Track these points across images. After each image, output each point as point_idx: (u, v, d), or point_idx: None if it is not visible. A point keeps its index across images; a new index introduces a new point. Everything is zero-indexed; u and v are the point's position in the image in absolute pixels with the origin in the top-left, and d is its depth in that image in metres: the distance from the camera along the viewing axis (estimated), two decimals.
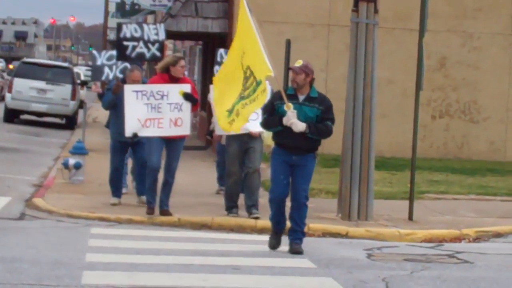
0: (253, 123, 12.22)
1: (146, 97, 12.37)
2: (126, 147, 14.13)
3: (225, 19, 23.42)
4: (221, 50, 16.10)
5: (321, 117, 10.04)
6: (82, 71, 61.61)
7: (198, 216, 12.98)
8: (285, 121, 9.83)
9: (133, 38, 14.30)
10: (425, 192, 16.43)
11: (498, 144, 23.81)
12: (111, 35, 67.22)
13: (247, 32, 11.10)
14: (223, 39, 22.74)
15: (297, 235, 10.17)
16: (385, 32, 17.62)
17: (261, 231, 12.37)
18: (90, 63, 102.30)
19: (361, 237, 12.39)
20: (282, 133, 10.05)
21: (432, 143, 23.53)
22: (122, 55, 14.55)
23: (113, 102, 13.71)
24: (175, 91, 12.50)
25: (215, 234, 12.38)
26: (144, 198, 13.61)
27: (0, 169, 18.42)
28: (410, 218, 13.56)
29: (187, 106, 12.45)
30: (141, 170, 13.85)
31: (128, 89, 12.51)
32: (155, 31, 14.55)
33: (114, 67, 15.51)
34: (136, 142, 13.75)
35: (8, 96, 32.09)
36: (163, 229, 12.45)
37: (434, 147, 23.53)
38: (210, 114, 13.65)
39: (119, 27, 15.08)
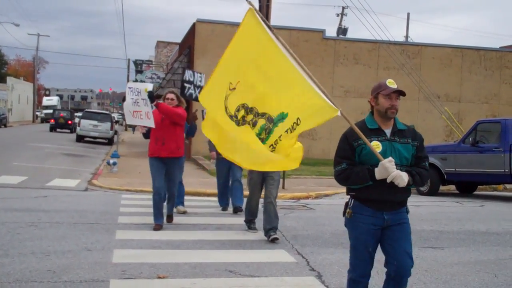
0: None
1: (133, 93, 7.80)
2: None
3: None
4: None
5: (416, 156, 3.65)
6: (115, 116, 61.64)
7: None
8: (384, 176, 3.43)
9: (188, 81, 10.26)
10: (291, 174, 16.48)
11: (327, 150, 23.96)
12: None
13: (267, 52, 3.92)
14: None
15: None
16: None
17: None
18: (120, 111, 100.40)
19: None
20: (368, 185, 3.54)
21: None
22: (182, 93, 9.94)
23: (195, 129, 9.23)
24: (143, 89, 7.71)
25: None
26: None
27: (74, 165, 17.88)
28: (283, 187, 13.59)
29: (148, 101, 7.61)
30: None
31: (127, 86, 8.09)
32: (200, 79, 10.38)
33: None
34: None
35: (78, 128, 31.62)
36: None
37: None
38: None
39: (183, 71, 10.90)
